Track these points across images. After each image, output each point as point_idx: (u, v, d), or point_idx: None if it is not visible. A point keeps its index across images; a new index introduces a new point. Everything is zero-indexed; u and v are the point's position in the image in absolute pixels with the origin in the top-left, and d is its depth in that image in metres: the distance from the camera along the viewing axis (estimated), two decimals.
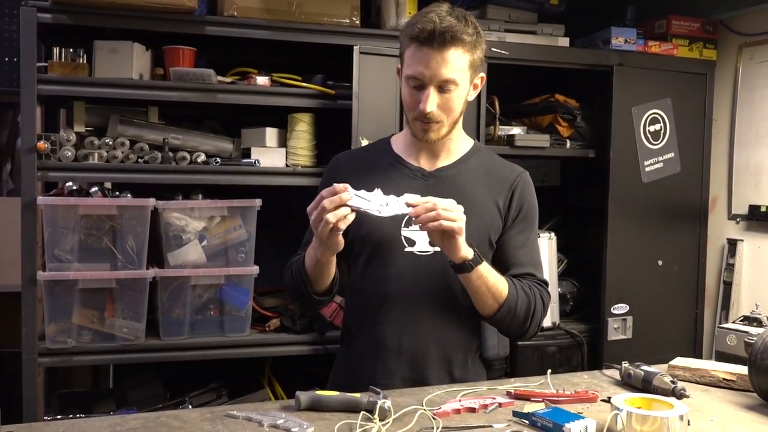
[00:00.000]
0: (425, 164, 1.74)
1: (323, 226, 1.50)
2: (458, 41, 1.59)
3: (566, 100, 3.04)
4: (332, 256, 1.62)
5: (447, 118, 1.65)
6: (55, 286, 2.32)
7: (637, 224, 2.99)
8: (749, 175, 3.13)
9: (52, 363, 2.36)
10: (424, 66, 1.59)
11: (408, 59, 1.62)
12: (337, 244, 1.56)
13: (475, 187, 1.72)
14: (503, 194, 1.74)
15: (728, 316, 3.11)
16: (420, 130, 1.67)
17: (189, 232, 2.44)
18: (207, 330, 2.50)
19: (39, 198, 2.28)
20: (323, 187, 1.76)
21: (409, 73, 1.62)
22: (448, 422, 1.38)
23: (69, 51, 2.41)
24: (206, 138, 2.60)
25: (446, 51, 1.58)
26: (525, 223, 1.75)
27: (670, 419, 1.27)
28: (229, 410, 1.42)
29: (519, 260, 1.73)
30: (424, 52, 1.58)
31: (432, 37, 1.57)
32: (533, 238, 1.78)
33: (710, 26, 3.12)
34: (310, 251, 1.64)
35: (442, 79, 1.60)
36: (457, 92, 1.63)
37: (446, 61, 1.59)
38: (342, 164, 1.81)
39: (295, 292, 1.74)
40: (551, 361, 2.91)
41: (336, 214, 1.49)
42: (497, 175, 1.77)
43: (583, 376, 1.76)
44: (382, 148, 1.81)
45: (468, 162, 1.76)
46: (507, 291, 1.64)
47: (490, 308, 1.66)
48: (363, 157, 1.82)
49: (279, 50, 2.72)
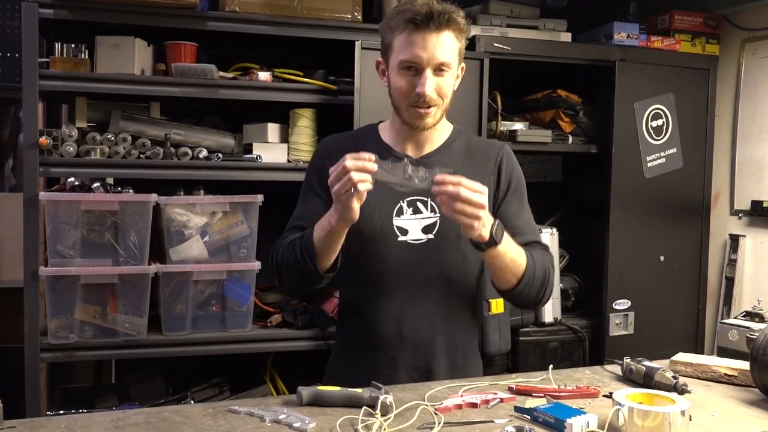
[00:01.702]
0: (412, 152, 1.73)
1: (348, 196, 1.48)
2: (454, 24, 1.60)
3: (568, 95, 3.03)
4: (347, 227, 1.58)
5: (442, 102, 1.65)
6: (57, 281, 2.32)
7: (639, 220, 2.99)
8: (752, 171, 3.12)
9: (55, 358, 2.37)
10: (421, 48, 1.58)
11: (400, 45, 1.61)
12: (355, 213, 1.52)
13: (462, 169, 1.70)
14: (490, 170, 1.74)
15: (730, 312, 3.12)
16: (415, 116, 1.65)
17: (191, 227, 2.44)
18: (209, 325, 2.50)
19: (41, 194, 2.28)
20: (313, 170, 1.77)
21: (404, 57, 1.60)
22: (450, 417, 1.38)
23: (71, 47, 2.41)
24: (208, 133, 2.61)
25: (442, 33, 1.58)
26: (517, 192, 1.77)
27: (671, 415, 1.27)
28: (231, 405, 1.42)
29: (520, 229, 1.72)
30: (421, 34, 1.58)
31: (429, 18, 1.57)
32: (526, 204, 1.79)
33: (713, 21, 3.11)
34: (322, 222, 1.59)
35: (439, 62, 1.59)
36: (450, 76, 1.64)
37: (442, 43, 1.59)
38: (332, 148, 1.78)
39: (297, 270, 1.66)
40: (553, 357, 2.91)
41: (360, 177, 1.46)
42: (479, 152, 1.77)
43: (585, 371, 1.76)
44: (370, 136, 1.79)
45: (452, 146, 1.76)
46: (525, 264, 1.63)
47: (509, 283, 1.65)
48: (352, 142, 1.78)
49: (281, 46, 2.72)
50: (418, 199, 1.68)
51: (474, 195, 1.47)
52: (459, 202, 1.46)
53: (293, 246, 1.66)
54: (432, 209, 1.68)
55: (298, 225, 1.74)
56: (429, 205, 1.68)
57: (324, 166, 1.70)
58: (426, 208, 1.68)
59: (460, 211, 1.47)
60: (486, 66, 2.71)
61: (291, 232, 1.74)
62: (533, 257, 1.67)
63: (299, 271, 1.65)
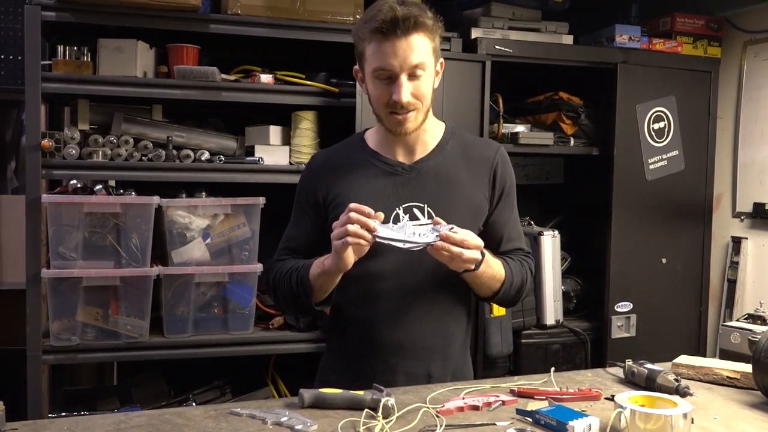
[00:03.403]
0: (403, 158, 1.72)
1: (342, 245, 1.50)
2: (421, 26, 1.58)
3: (570, 97, 3.03)
4: (340, 273, 1.61)
5: (422, 105, 1.64)
6: (59, 283, 2.32)
7: (641, 222, 2.99)
8: (754, 173, 3.12)
9: (57, 360, 2.37)
10: (392, 56, 1.57)
11: (372, 54, 1.60)
12: (347, 263, 1.55)
13: (457, 172, 1.71)
14: (485, 174, 1.73)
15: (732, 314, 3.11)
16: (395, 124, 1.63)
17: (193, 229, 2.44)
18: (211, 328, 2.50)
19: (43, 196, 2.29)
20: (303, 187, 1.77)
21: (376, 65, 1.59)
22: (452, 420, 1.38)
23: (73, 49, 2.42)
24: (210, 136, 2.61)
25: (410, 37, 1.57)
26: (509, 198, 1.77)
27: (673, 417, 1.27)
28: (232, 408, 1.42)
29: (509, 236, 1.77)
30: (389, 42, 1.56)
31: (395, 25, 1.55)
32: (515, 210, 1.81)
33: (715, 23, 3.11)
34: (319, 261, 1.62)
35: (412, 65, 1.58)
36: (426, 77, 1.62)
37: (412, 47, 1.57)
38: (318, 165, 1.77)
39: (291, 299, 1.72)
40: (555, 359, 2.91)
41: (355, 231, 1.49)
42: (475, 155, 1.75)
43: (587, 374, 1.76)
44: (357, 145, 1.78)
45: (445, 148, 1.74)
46: (503, 278, 1.68)
47: (488, 292, 1.70)
48: (339, 155, 1.78)
49: (283, 48, 2.72)
50: (414, 206, 1.67)
51: (474, 253, 1.53)
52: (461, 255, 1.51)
53: (290, 277, 1.69)
54: (429, 216, 1.66)
55: (289, 246, 1.76)
56: (426, 211, 1.67)
57: (311, 183, 1.74)
58: (423, 215, 1.67)
59: (457, 265, 1.54)
60: (488, 68, 2.71)
61: (283, 252, 1.76)
62: (512, 269, 1.70)
63: (293, 300, 1.71)
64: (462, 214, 1.65)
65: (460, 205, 1.67)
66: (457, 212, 1.64)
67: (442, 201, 1.67)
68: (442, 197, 1.67)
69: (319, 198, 1.72)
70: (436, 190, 1.68)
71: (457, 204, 1.67)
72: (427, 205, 1.66)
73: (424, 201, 1.66)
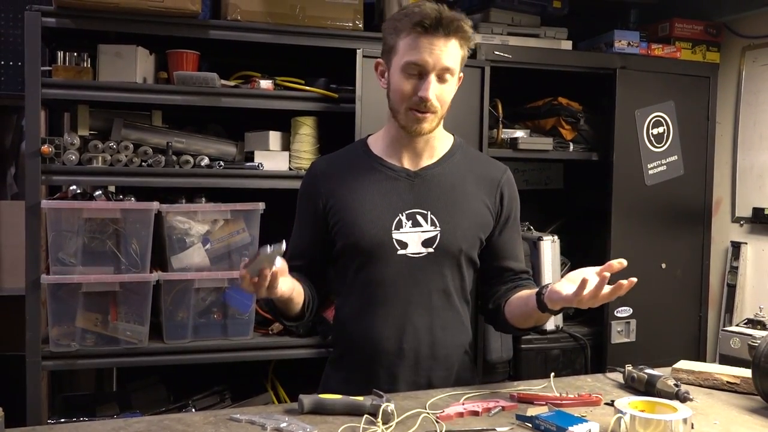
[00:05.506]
0: (409, 164, 1.71)
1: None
2: (461, 32, 1.60)
3: (569, 103, 3.04)
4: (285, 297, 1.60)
5: (441, 109, 1.64)
6: (58, 289, 2.32)
7: (640, 227, 2.99)
8: (753, 178, 3.12)
9: (56, 366, 2.37)
10: (428, 52, 1.57)
11: (406, 47, 1.59)
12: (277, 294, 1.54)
13: (463, 183, 1.71)
14: (492, 194, 1.73)
15: (732, 319, 3.11)
16: (413, 120, 1.63)
17: (192, 235, 2.44)
18: (210, 333, 2.50)
19: (43, 201, 2.29)
20: (304, 195, 1.77)
21: (410, 59, 1.58)
22: (452, 425, 1.38)
23: (73, 55, 2.42)
24: (210, 141, 2.61)
25: (450, 40, 1.58)
26: (516, 220, 1.79)
27: (673, 422, 1.27)
28: (232, 413, 1.42)
29: (516, 257, 1.78)
30: (428, 38, 1.57)
31: (438, 24, 1.56)
32: (520, 231, 1.83)
33: (713, 29, 3.12)
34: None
35: (444, 67, 1.59)
36: (450, 84, 1.63)
37: (448, 49, 1.58)
38: (319, 172, 1.76)
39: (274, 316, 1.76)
40: (554, 364, 2.90)
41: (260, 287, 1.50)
42: (482, 173, 1.75)
43: (587, 379, 1.76)
44: (360, 151, 1.77)
45: (452, 159, 1.74)
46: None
47: (522, 327, 1.71)
48: (341, 161, 1.77)
49: (282, 54, 2.72)
50: (417, 212, 1.66)
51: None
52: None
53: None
54: (432, 223, 1.66)
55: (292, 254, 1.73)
56: (429, 219, 1.66)
57: (312, 190, 1.74)
58: (426, 222, 1.66)
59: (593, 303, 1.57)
60: (487, 74, 2.71)
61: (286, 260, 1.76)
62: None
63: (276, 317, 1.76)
64: (466, 224, 1.66)
65: (464, 215, 1.67)
66: (461, 221, 1.64)
67: (447, 209, 1.67)
68: (447, 205, 1.67)
69: (320, 204, 1.71)
70: (440, 198, 1.67)
71: (462, 213, 1.67)
72: (430, 212, 1.66)
73: (428, 208, 1.66)
